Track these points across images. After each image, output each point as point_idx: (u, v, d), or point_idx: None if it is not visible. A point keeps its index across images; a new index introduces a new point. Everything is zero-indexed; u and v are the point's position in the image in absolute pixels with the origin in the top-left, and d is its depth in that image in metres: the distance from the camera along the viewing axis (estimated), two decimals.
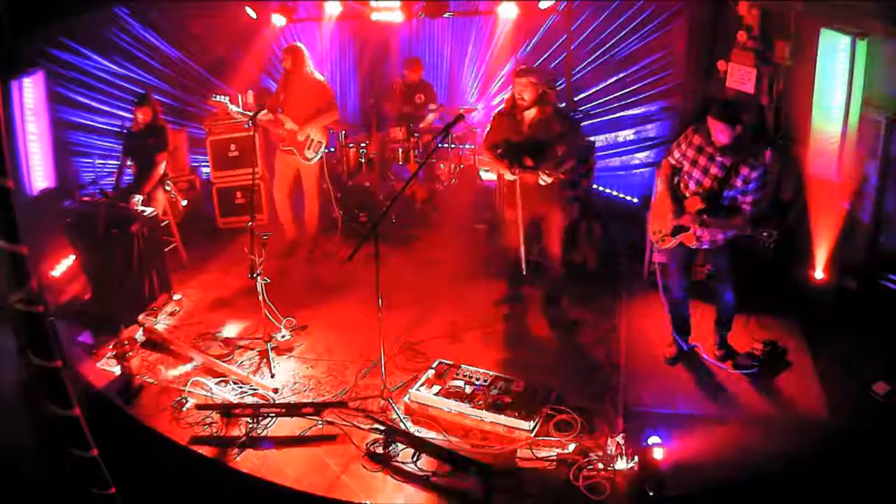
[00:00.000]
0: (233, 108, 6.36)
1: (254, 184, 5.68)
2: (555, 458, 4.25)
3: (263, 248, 5.23)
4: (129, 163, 6.34)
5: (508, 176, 5.26)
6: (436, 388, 4.76)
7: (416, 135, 7.59)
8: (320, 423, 4.65)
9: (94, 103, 7.49)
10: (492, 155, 5.37)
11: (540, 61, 8.26)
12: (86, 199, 6.01)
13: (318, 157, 6.64)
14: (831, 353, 5.05)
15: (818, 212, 5.46)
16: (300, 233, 6.95)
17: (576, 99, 8.14)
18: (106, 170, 7.46)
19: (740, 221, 4.53)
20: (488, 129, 5.44)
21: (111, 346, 5.32)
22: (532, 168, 5.15)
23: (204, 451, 4.46)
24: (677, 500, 3.96)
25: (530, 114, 5.19)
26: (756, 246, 5.03)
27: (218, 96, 6.27)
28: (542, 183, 5.14)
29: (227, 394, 4.97)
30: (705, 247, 4.80)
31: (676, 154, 4.83)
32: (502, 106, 5.32)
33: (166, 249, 6.46)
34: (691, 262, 5.01)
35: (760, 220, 5.55)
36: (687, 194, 4.74)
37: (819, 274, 5.41)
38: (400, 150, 7.64)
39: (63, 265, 6.24)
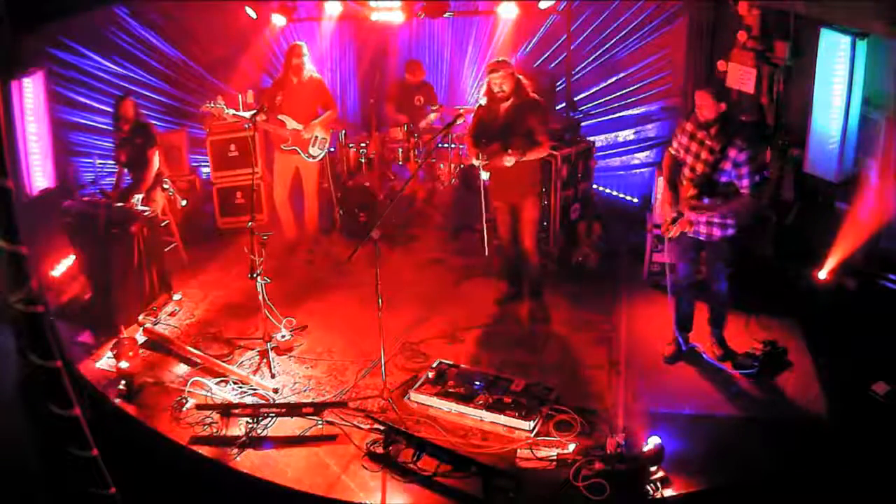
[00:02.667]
0: (229, 112, 6.34)
1: (254, 184, 5.67)
2: (555, 458, 4.25)
3: (263, 248, 5.23)
4: (124, 168, 6.34)
5: (475, 162, 5.43)
6: (436, 389, 4.77)
7: (416, 135, 7.59)
8: (320, 423, 4.65)
9: (94, 103, 7.48)
10: (469, 144, 5.52)
11: (540, 61, 8.26)
12: (86, 199, 6.00)
13: (323, 154, 6.65)
14: (831, 353, 5.05)
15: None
16: (300, 233, 6.94)
17: (576, 99, 8.14)
18: (106, 170, 7.46)
19: (735, 204, 4.61)
20: (470, 122, 5.60)
21: (111, 346, 5.33)
22: (498, 151, 5.26)
23: (204, 451, 4.46)
24: (677, 500, 3.96)
25: (507, 103, 5.31)
26: (757, 240, 5.05)
27: (210, 103, 6.25)
28: (506, 164, 5.24)
29: (227, 394, 4.97)
30: (702, 238, 4.81)
31: (675, 144, 4.92)
32: (482, 100, 5.43)
33: (166, 249, 6.46)
34: (697, 255, 5.01)
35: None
36: (684, 182, 4.80)
37: (823, 275, 5.39)
38: (400, 150, 7.64)
39: (63, 265, 6.24)
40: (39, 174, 6.75)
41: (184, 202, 6.81)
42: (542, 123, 5.34)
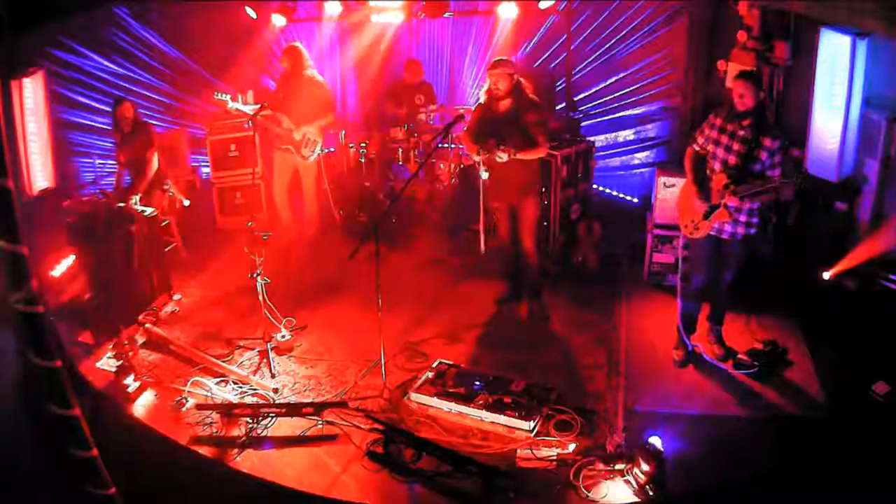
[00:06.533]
0: (233, 105, 6.34)
1: (254, 184, 5.67)
2: (555, 458, 4.25)
3: (263, 248, 5.23)
4: (124, 169, 6.34)
5: (475, 157, 5.42)
6: (436, 389, 4.77)
7: (415, 134, 7.59)
8: (320, 423, 4.65)
9: (94, 103, 7.49)
10: (467, 140, 5.52)
11: (540, 61, 8.26)
12: (86, 199, 6.00)
13: (315, 155, 6.63)
14: (831, 353, 5.05)
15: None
16: (300, 232, 6.94)
17: (576, 99, 8.14)
18: (106, 170, 7.46)
19: (770, 184, 4.55)
20: (470, 119, 5.61)
21: (111, 346, 5.33)
22: (494, 147, 5.26)
23: (204, 451, 4.46)
24: (677, 500, 3.96)
25: (505, 103, 5.31)
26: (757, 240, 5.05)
27: (219, 94, 6.27)
28: (498, 160, 5.25)
29: (227, 394, 4.97)
30: (725, 237, 4.80)
31: (700, 140, 4.86)
32: (482, 98, 5.43)
33: (166, 249, 6.45)
34: (715, 256, 4.99)
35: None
36: (713, 176, 4.75)
37: (827, 276, 5.38)
38: (400, 150, 7.64)
39: (63, 265, 6.23)
40: (39, 174, 6.75)
41: (187, 202, 6.81)
42: (541, 125, 5.34)
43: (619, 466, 4.08)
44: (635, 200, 7.94)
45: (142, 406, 4.87)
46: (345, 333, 5.63)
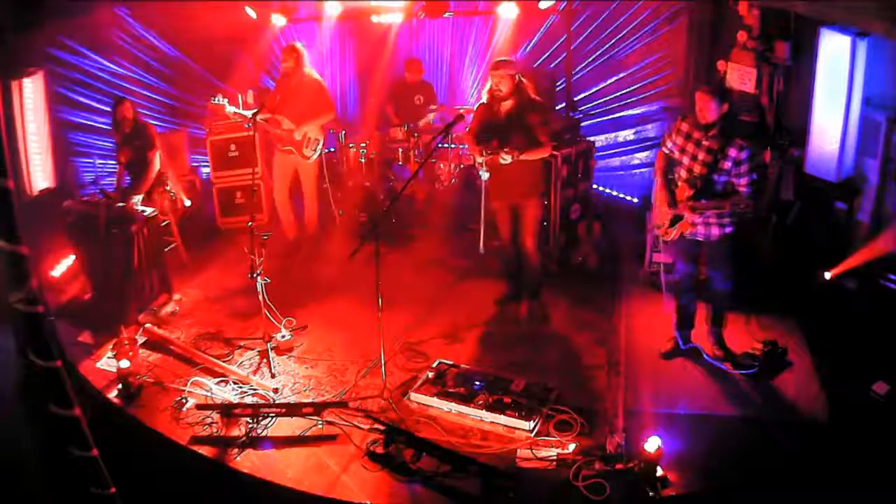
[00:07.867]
0: (230, 109, 6.34)
1: (254, 184, 5.67)
2: (555, 458, 4.25)
3: (263, 248, 5.23)
4: (125, 170, 6.35)
5: (478, 158, 5.39)
6: (436, 389, 4.77)
7: (416, 135, 7.59)
8: (320, 423, 4.65)
9: (94, 103, 7.49)
10: (470, 141, 5.50)
11: (540, 61, 8.27)
12: (86, 199, 6.01)
13: (317, 154, 6.63)
14: (831, 353, 5.05)
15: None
16: (300, 232, 6.94)
17: (576, 99, 8.15)
18: (106, 170, 7.46)
19: (732, 200, 4.54)
20: (472, 119, 5.59)
21: (111, 346, 5.33)
22: (497, 148, 5.25)
23: (204, 451, 4.45)
24: (677, 500, 3.96)
25: (507, 103, 5.30)
26: (758, 240, 5.00)
27: (216, 98, 6.27)
28: (502, 162, 5.23)
29: (227, 394, 4.97)
30: (700, 238, 4.81)
31: (669, 144, 4.86)
32: (484, 98, 5.42)
33: (166, 249, 6.45)
34: (696, 255, 5.01)
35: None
36: (679, 183, 4.76)
37: (829, 276, 5.37)
38: (400, 150, 7.64)
39: (63, 265, 6.24)
40: (39, 174, 6.76)
41: (188, 202, 6.82)
42: (544, 124, 5.34)
43: (619, 466, 4.09)
44: (635, 200, 7.94)
45: (142, 406, 4.87)
46: (345, 333, 5.63)
